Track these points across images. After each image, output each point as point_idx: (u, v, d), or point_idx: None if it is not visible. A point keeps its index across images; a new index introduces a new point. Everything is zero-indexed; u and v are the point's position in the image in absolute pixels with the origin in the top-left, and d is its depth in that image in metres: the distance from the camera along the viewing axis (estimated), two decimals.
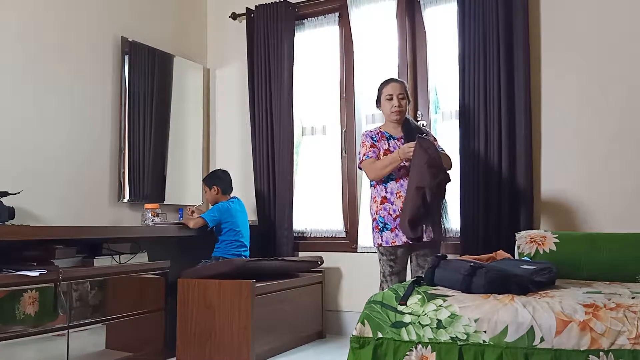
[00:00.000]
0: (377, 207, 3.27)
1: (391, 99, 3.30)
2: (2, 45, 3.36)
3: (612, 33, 3.47)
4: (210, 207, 4.07)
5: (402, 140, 3.27)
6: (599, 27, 3.50)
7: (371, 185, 3.35)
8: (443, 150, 3.33)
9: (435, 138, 3.43)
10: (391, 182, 3.22)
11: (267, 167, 4.40)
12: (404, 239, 3.17)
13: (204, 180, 4.21)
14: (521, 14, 3.59)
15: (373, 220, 3.30)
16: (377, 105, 3.42)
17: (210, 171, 4.53)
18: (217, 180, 4.09)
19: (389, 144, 3.30)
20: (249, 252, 4.02)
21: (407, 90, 3.38)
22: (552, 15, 3.63)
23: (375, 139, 3.33)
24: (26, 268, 2.76)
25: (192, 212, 3.98)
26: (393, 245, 3.20)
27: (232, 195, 4.12)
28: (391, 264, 3.23)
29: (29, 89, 3.49)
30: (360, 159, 3.35)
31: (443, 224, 3.24)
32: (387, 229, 3.21)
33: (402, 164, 3.18)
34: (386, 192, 3.25)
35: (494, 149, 3.60)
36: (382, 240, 3.23)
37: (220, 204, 3.97)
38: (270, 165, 4.39)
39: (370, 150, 3.29)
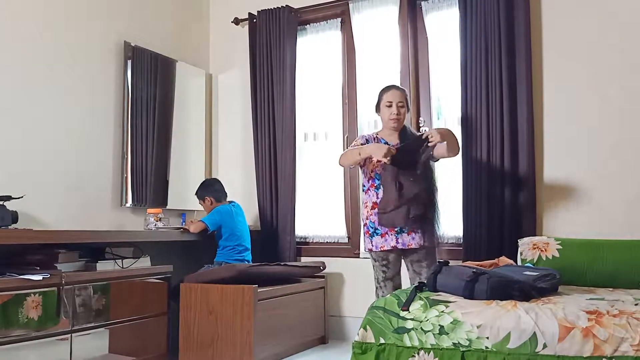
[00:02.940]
0: (367, 212, 3.27)
1: (390, 106, 3.27)
2: (4, 49, 3.37)
3: (614, 37, 3.47)
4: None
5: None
6: (601, 32, 3.51)
7: (363, 191, 3.35)
8: (449, 130, 3.27)
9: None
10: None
11: (269, 172, 4.40)
12: (393, 243, 3.16)
13: (195, 194, 4.15)
14: (523, 19, 3.60)
15: (364, 225, 3.30)
16: (376, 111, 3.41)
17: (209, 177, 4.54)
18: (208, 191, 4.08)
19: None
20: (250, 255, 4.02)
21: (407, 99, 3.37)
22: (554, 20, 3.64)
23: (369, 142, 3.31)
24: (29, 272, 2.77)
25: (191, 221, 3.97)
26: (382, 250, 3.19)
27: (229, 200, 4.11)
28: (384, 269, 3.22)
29: (32, 94, 3.50)
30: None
31: (436, 231, 3.23)
32: (377, 234, 3.20)
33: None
34: (377, 198, 3.22)
35: (496, 155, 3.61)
36: (372, 245, 3.23)
37: (221, 206, 3.97)
38: (272, 171, 4.40)
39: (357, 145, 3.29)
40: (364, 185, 3.35)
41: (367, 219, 3.27)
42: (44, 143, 3.55)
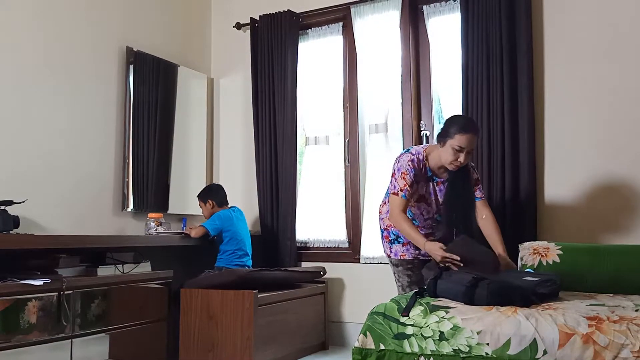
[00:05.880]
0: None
1: (460, 151, 2.88)
2: (6, 53, 3.38)
3: (615, 41, 3.47)
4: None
5: (442, 185, 3.07)
6: (603, 35, 3.51)
7: (388, 202, 3.14)
8: (482, 195, 3.15)
9: (477, 176, 3.19)
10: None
11: (270, 176, 4.40)
12: (415, 253, 3.09)
13: (198, 196, 4.16)
14: (524, 23, 3.60)
15: (384, 230, 3.18)
16: (438, 140, 2.97)
17: (211, 183, 4.57)
18: (211, 194, 4.09)
19: (426, 187, 3.07)
20: (251, 260, 4.02)
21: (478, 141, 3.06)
22: (555, 24, 3.64)
23: (417, 175, 3.01)
24: (30, 277, 2.77)
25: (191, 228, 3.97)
26: (402, 258, 3.12)
27: (230, 205, 4.12)
28: (409, 272, 3.12)
29: (34, 98, 3.51)
30: (395, 188, 2.99)
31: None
32: (398, 242, 3.13)
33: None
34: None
35: (497, 159, 3.61)
36: (390, 252, 3.16)
37: (222, 211, 3.97)
38: (273, 175, 4.40)
39: (408, 190, 2.96)
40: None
41: (390, 226, 3.13)
42: (46, 148, 3.55)
